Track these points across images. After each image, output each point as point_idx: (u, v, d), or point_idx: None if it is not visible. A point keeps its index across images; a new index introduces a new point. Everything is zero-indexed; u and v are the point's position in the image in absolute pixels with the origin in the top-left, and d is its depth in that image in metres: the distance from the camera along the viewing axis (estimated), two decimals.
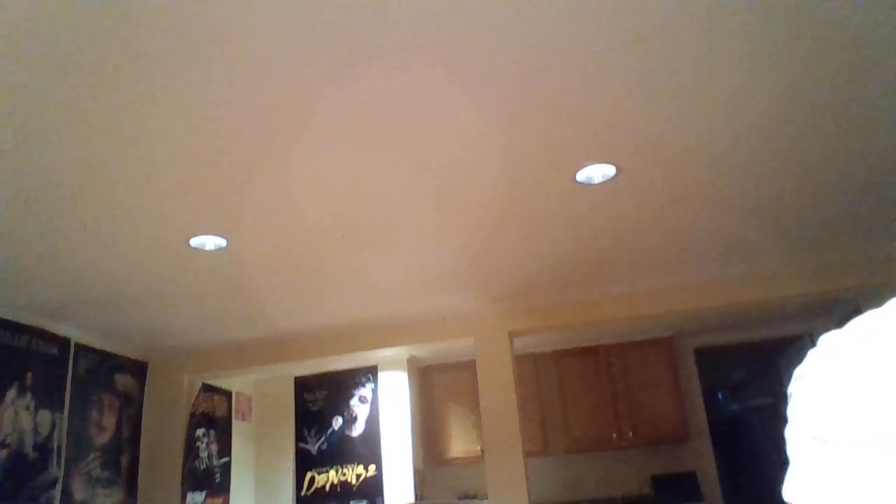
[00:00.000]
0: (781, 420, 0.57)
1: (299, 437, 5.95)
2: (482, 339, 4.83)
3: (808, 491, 0.51)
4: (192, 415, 5.14)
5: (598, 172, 2.85)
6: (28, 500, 3.84)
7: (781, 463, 0.55)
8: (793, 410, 0.55)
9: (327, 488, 5.74)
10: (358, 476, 5.68)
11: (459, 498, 6.03)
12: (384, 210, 3.07)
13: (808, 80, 2.31)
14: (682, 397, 5.82)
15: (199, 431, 5.23)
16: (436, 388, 6.13)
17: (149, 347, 4.97)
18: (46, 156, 2.38)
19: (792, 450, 0.54)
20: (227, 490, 5.53)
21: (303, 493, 5.79)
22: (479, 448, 5.73)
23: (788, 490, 0.53)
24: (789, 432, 0.55)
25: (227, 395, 5.75)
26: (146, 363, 5.11)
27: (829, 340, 0.55)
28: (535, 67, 2.12)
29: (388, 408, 5.79)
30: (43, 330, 4.10)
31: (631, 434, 5.75)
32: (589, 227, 3.46)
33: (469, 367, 5.70)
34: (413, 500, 5.49)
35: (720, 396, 8.04)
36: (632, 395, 5.84)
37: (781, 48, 2.12)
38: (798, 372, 0.56)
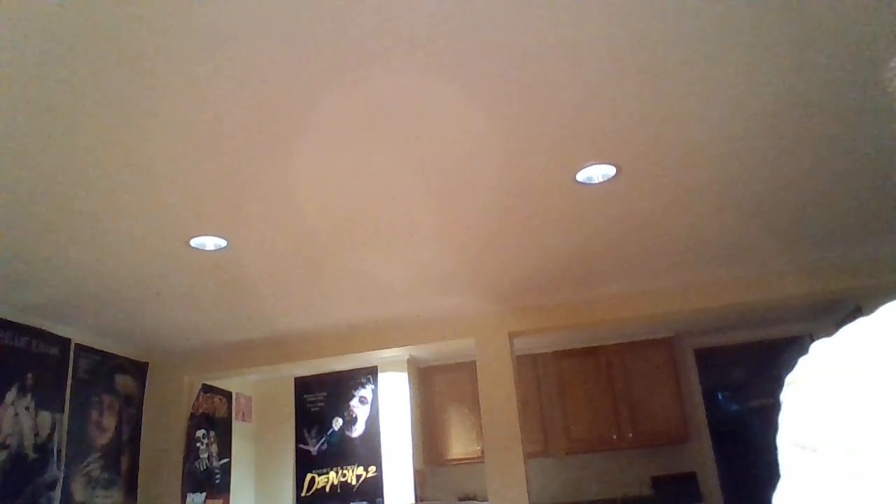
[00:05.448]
0: (777, 425, 0.57)
1: (299, 438, 5.95)
2: (482, 339, 4.83)
3: (796, 499, 0.51)
4: (192, 415, 5.14)
5: (598, 172, 2.86)
6: (28, 501, 3.83)
7: (778, 467, 0.55)
8: (783, 417, 0.55)
9: (327, 489, 5.73)
10: (358, 477, 5.68)
11: (459, 499, 6.02)
12: (384, 210, 3.07)
13: (807, 80, 2.31)
14: (682, 398, 5.82)
15: (200, 432, 5.22)
16: (436, 389, 6.13)
17: (149, 348, 4.97)
18: (46, 156, 2.38)
19: (781, 457, 0.54)
20: (227, 491, 5.53)
21: (303, 494, 5.79)
22: (479, 449, 5.73)
23: (778, 498, 0.53)
24: (779, 439, 0.55)
25: (228, 395, 5.74)
26: (146, 364, 5.11)
27: (820, 346, 0.55)
28: (535, 67, 2.12)
29: (388, 409, 5.79)
30: (43, 330, 4.10)
31: (631, 435, 5.75)
32: (589, 227, 3.46)
33: (469, 367, 5.70)
34: (413, 500, 5.48)
35: (720, 397, 8.03)
36: (632, 395, 5.84)
37: (782, 48, 2.12)
38: (789, 379, 0.56)
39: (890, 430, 0.46)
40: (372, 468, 5.66)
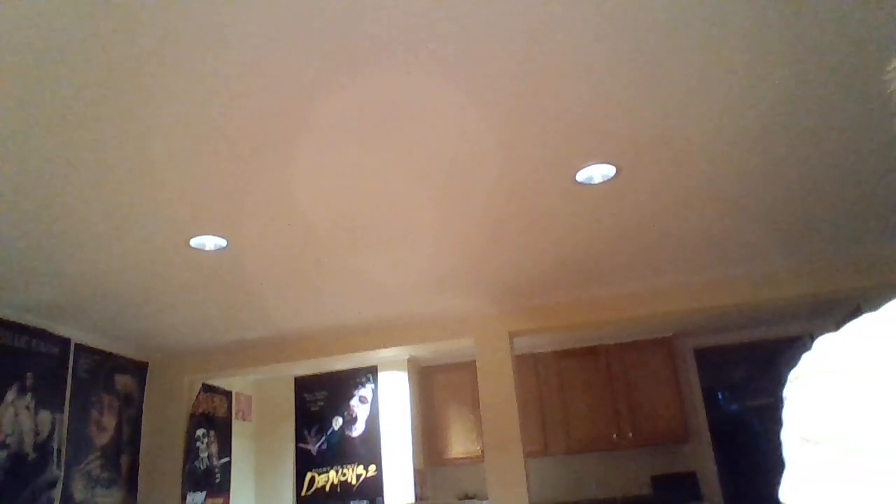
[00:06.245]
0: (780, 421, 0.57)
1: (299, 438, 5.95)
2: (482, 339, 4.83)
3: (802, 493, 0.51)
4: (192, 415, 5.14)
5: (598, 172, 2.86)
6: (28, 501, 3.84)
7: (781, 463, 0.55)
8: (787, 413, 0.55)
9: (327, 489, 5.73)
10: (358, 476, 5.68)
11: (459, 498, 6.03)
12: (384, 210, 3.07)
13: (807, 80, 2.31)
14: (682, 397, 5.82)
15: (199, 432, 5.23)
16: (436, 389, 6.13)
17: (149, 347, 4.97)
18: (46, 156, 2.38)
19: (786, 451, 0.54)
20: (228, 490, 5.53)
21: (303, 493, 5.79)
22: (479, 448, 5.73)
23: (784, 492, 0.53)
24: (784, 435, 0.55)
25: (227, 395, 5.75)
26: (146, 363, 5.11)
27: (824, 342, 0.55)
28: (535, 67, 2.12)
29: (388, 408, 5.79)
30: (43, 330, 4.10)
31: (631, 434, 5.75)
32: (589, 227, 3.46)
33: (469, 367, 5.71)
34: (413, 500, 5.49)
35: (720, 397, 8.04)
36: (632, 395, 5.84)
37: (781, 48, 2.12)
38: (793, 375, 0.56)
39: (888, 429, 0.46)
40: (372, 467, 5.66)
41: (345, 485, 5.70)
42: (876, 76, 2.31)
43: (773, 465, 6.82)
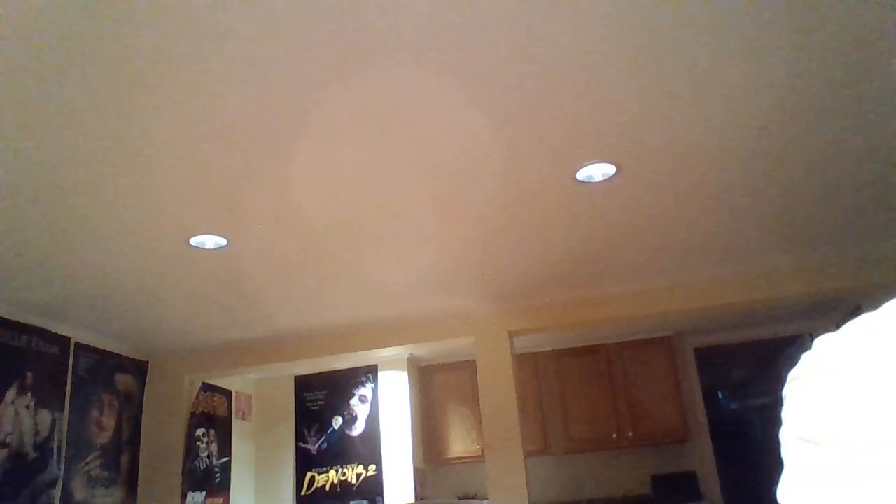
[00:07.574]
0: (780, 421, 0.57)
1: (299, 437, 5.95)
2: (482, 338, 4.83)
3: (799, 493, 0.51)
4: (192, 414, 5.14)
5: (598, 172, 2.86)
6: (28, 500, 3.84)
7: (781, 463, 0.55)
8: (786, 412, 0.55)
9: (327, 488, 5.73)
10: (358, 476, 5.68)
11: (459, 498, 6.03)
12: (384, 210, 3.07)
13: (807, 79, 2.31)
14: (682, 397, 5.82)
15: (199, 431, 5.23)
16: (436, 388, 6.12)
17: (149, 347, 4.97)
18: (46, 156, 2.38)
19: (784, 451, 0.54)
20: (227, 490, 5.53)
21: (303, 492, 5.79)
22: (479, 448, 5.73)
23: (781, 492, 0.53)
24: (782, 434, 0.55)
25: (227, 394, 5.75)
26: (146, 363, 5.11)
27: (823, 342, 0.55)
28: (535, 67, 2.12)
29: (388, 407, 5.79)
30: (43, 330, 4.10)
31: (631, 434, 5.75)
32: (589, 227, 3.46)
33: (469, 366, 5.71)
34: (413, 499, 5.48)
35: (720, 396, 8.04)
36: (632, 394, 5.84)
37: (781, 47, 2.12)
38: (792, 374, 0.56)
39: (889, 423, 0.46)
40: (372, 467, 5.66)
41: (345, 484, 5.70)
42: (876, 76, 2.31)
43: (772, 465, 6.81)
